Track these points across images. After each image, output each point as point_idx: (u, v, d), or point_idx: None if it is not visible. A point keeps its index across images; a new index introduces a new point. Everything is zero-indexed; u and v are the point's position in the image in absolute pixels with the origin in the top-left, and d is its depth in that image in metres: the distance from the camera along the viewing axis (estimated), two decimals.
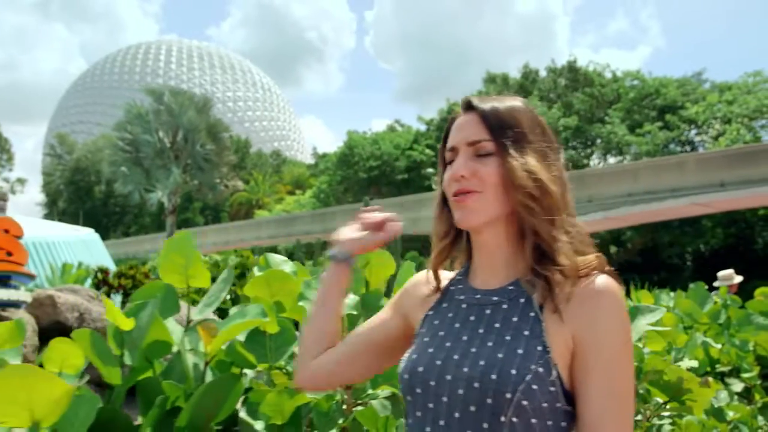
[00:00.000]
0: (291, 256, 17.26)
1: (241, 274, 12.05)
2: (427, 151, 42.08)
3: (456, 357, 1.13)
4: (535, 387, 1.06)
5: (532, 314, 1.13)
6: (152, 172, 27.85)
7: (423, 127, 45.46)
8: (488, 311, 1.19)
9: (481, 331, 1.16)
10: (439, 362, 1.14)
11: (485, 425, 1.05)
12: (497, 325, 1.15)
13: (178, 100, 28.39)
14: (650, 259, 33.99)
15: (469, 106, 1.24)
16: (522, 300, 1.16)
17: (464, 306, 1.23)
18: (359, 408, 1.88)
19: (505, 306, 1.17)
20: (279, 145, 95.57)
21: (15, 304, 6.85)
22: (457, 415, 1.08)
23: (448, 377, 1.11)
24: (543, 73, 42.21)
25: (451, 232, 1.29)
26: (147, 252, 34.72)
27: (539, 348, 1.09)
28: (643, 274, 29.78)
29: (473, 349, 1.13)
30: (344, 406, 1.90)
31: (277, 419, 1.76)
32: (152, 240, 40.26)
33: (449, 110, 43.58)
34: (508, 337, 1.12)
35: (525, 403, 1.04)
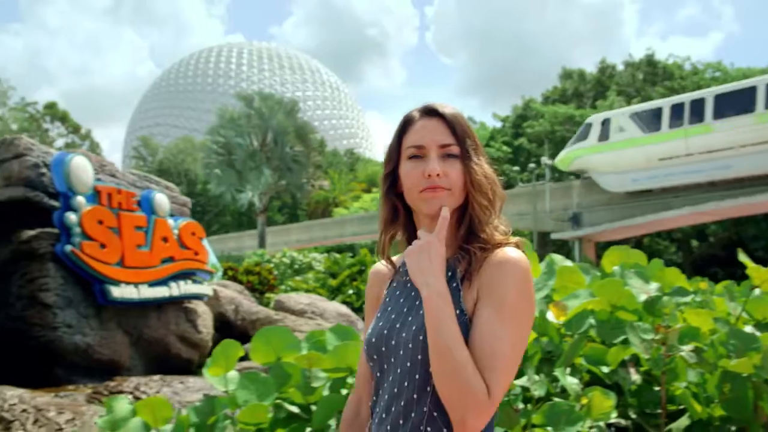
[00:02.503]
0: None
1: (360, 270, 12.90)
2: (504, 147, 42.29)
3: (398, 326, 1.35)
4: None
5: (455, 284, 1.32)
6: (244, 173, 29.17)
7: (498, 124, 45.64)
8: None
9: (417, 302, 1.35)
10: (385, 331, 1.36)
11: (417, 376, 1.28)
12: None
13: (267, 104, 29.63)
14: (734, 252, 33.44)
15: (433, 112, 1.41)
16: (449, 274, 1.34)
17: (408, 284, 1.42)
18: None
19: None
20: (348, 143, 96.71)
21: (199, 297, 7.83)
22: (398, 370, 1.31)
23: (393, 342, 1.33)
24: (620, 68, 41.86)
25: (398, 217, 1.46)
26: (230, 250, 36.00)
27: (457, 311, 1.27)
28: (726, 268, 29.43)
29: (410, 318, 1.35)
30: None
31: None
32: (237, 238, 41.75)
33: (524, 106, 43.69)
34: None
35: None
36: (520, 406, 2.15)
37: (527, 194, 30.33)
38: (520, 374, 2.17)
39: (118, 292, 6.41)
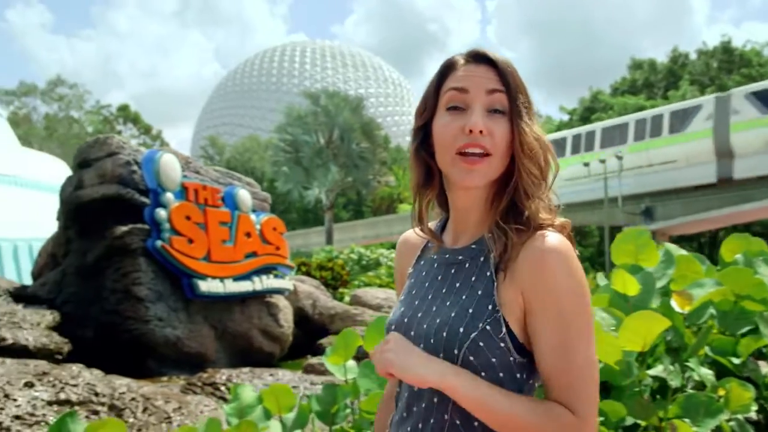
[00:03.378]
0: None
1: None
2: None
3: (420, 315, 1.18)
4: (482, 344, 1.09)
5: (488, 273, 1.15)
6: (311, 170, 29.47)
7: (565, 117, 44.88)
8: (453, 270, 1.21)
9: (444, 290, 1.19)
10: (406, 320, 1.19)
11: None
12: (458, 284, 1.18)
13: (333, 102, 29.86)
14: None
15: (481, 58, 1.20)
16: (482, 259, 1.17)
17: (435, 265, 1.25)
18: None
19: (467, 265, 1.19)
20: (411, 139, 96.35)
21: (281, 291, 7.94)
22: None
23: (412, 333, 1.15)
24: (693, 56, 40.60)
25: (434, 178, 1.25)
26: (297, 246, 36.45)
27: (489, 307, 1.12)
28: None
29: (434, 308, 1.18)
30: None
31: None
32: (304, 235, 42.22)
33: (592, 98, 42.79)
34: (464, 297, 1.16)
35: (471, 358, 1.08)
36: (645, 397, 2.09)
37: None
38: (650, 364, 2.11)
39: (205, 286, 6.56)
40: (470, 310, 1.12)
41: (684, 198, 27.41)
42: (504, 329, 1.10)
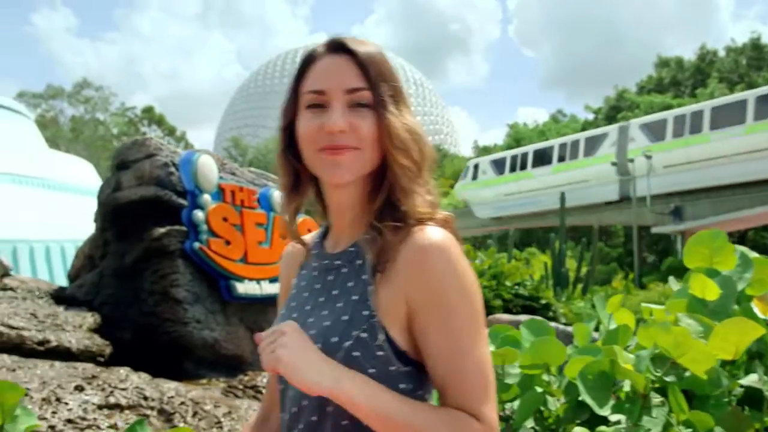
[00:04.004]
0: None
1: None
2: None
3: (321, 329, 1.11)
4: (357, 354, 1.02)
5: (364, 277, 1.08)
6: None
7: (590, 116, 44.59)
8: (330, 277, 1.14)
9: (321, 299, 1.13)
10: (318, 334, 1.09)
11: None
12: (335, 291, 1.11)
13: None
14: None
15: (340, 48, 1.12)
16: (359, 262, 1.10)
17: (315, 273, 1.19)
18: None
19: (345, 270, 1.12)
20: (433, 140, 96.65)
21: None
22: None
23: None
24: (721, 53, 40.08)
25: (302, 182, 1.20)
26: None
27: (364, 313, 1.04)
28: None
29: (311, 319, 1.11)
30: None
31: None
32: None
33: (618, 97, 42.47)
34: (340, 304, 1.09)
35: None
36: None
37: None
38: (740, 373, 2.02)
39: (242, 288, 6.53)
40: (345, 318, 1.05)
41: (714, 198, 27.10)
42: (383, 336, 1.03)
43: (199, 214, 6.18)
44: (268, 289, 6.90)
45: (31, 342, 4.64)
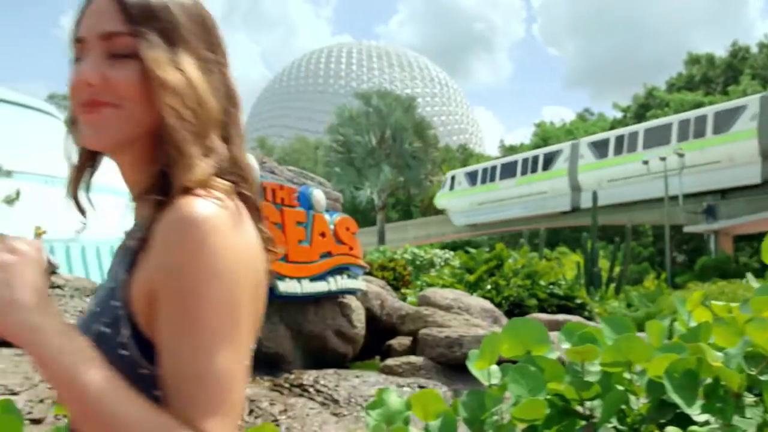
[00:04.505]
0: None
1: (498, 265, 12.71)
2: None
3: (84, 319, 0.98)
4: (102, 351, 0.85)
5: (128, 260, 0.92)
6: (363, 171, 29.54)
7: (619, 115, 44.13)
8: (114, 261, 1.01)
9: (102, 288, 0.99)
10: (83, 320, 0.97)
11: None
12: (107, 277, 0.99)
13: (385, 102, 29.89)
14: None
15: None
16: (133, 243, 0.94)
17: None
18: None
19: (122, 253, 0.98)
20: (458, 139, 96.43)
21: (354, 291, 7.88)
22: None
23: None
24: (754, 50, 39.41)
25: (83, 152, 1.03)
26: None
27: (113, 303, 0.90)
28: None
29: (90, 308, 0.99)
30: None
31: None
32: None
33: (647, 95, 41.97)
34: (101, 292, 0.97)
35: None
36: None
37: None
38: None
39: (284, 286, 6.52)
40: (98, 309, 0.92)
41: (748, 196, 26.73)
42: (127, 332, 0.87)
43: None
44: (309, 287, 6.89)
45: None
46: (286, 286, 6.57)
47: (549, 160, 36.61)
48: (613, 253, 17.50)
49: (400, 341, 8.79)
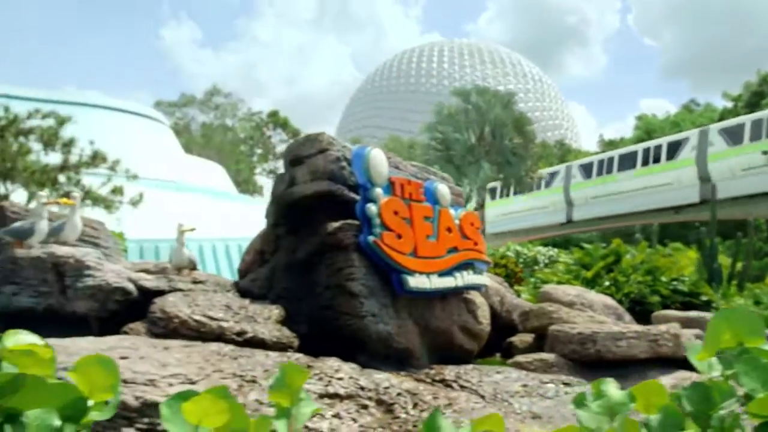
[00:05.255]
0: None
1: (615, 261, 12.31)
2: None
3: None
4: None
5: None
6: (463, 168, 29.34)
7: (729, 104, 42.07)
8: None
9: None
10: None
11: None
12: None
13: (484, 98, 29.59)
14: None
15: None
16: None
17: None
18: None
19: None
20: (553, 135, 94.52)
21: (478, 287, 7.76)
22: None
23: None
24: None
25: None
26: None
27: None
28: None
29: None
30: None
31: None
32: None
33: (761, 82, 39.83)
34: None
35: None
36: None
37: None
38: None
39: (413, 282, 6.48)
40: None
41: None
42: None
43: (372, 208, 6.19)
44: (437, 282, 6.83)
45: (230, 333, 4.76)
46: (416, 282, 6.53)
47: (674, 150, 34.98)
48: (735, 249, 16.66)
49: (522, 338, 8.62)
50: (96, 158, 14.07)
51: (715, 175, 32.14)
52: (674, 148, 34.89)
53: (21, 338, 1.79)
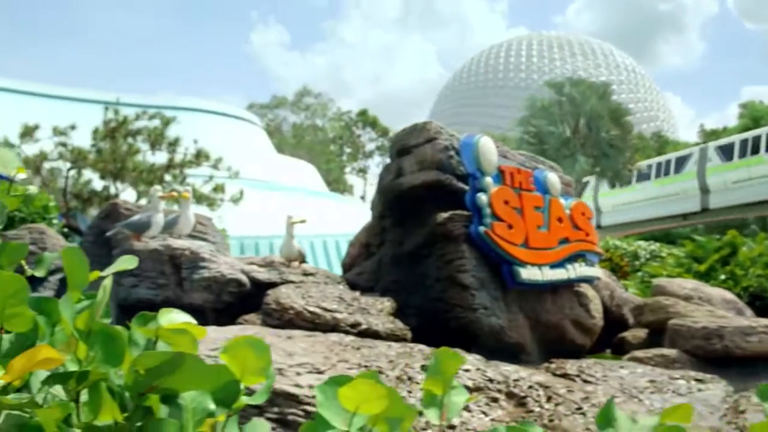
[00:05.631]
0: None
1: (731, 253, 11.65)
2: None
3: None
4: None
5: None
6: (558, 161, 28.56)
7: None
8: None
9: None
10: None
11: None
12: None
13: (579, 89, 28.75)
14: None
15: None
16: None
17: None
18: None
19: None
20: (649, 127, 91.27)
21: (590, 280, 7.44)
22: None
23: None
24: None
25: None
26: None
27: None
28: None
29: None
30: None
31: None
32: None
33: None
34: None
35: None
36: None
37: None
38: None
39: (525, 273, 6.26)
40: None
41: None
42: None
43: (482, 198, 6.01)
44: (549, 274, 6.58)
45: (345, 324, 4.68)
46: (529, 273, 6.30)
47: None
48: None
49: (635, 333, 8.22)
50: (199, 156, 14.45)
51: None
52: None
53: (174, 317, 1.70)
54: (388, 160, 7.01)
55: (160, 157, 14.80)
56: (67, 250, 1.33)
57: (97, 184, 14.52)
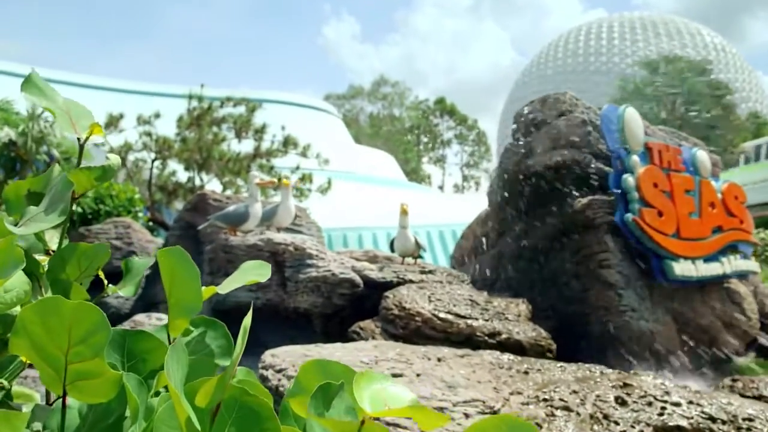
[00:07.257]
0: None
1: None
2: None
3: None
4: None
5: None
6: None
7: None
8: None
9: None
10: None
11: None
12: None
13: (675, 68, 26.97)
14: None
15: None
16: None
17: None
18: None
19: None
20: (742, 108, 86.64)
21: (745, 275, 6.38)
22: None
23: None
24: None
25: None
26: None
27: None
28: None
29: None
30: None
31: None
32: None
33: None
34: None
35: None
36: None
37: None
38: None
39: (679, 269, 5.32)
40: None
41: None
42: None
43: (629, 180, 5.08)
44: (703, 270, 5.61)
45: (481, 333, 3.88)
46: (682, 269, 5.35)
47: None
48: None
49: None
50: (287, 144, 13.86)
51: None
52: None
53: (391, 390, 0.85)
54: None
55: (246, 147, 14.30)
56: (166, 252, 0.59)
57: (182, 175, 14.14)
